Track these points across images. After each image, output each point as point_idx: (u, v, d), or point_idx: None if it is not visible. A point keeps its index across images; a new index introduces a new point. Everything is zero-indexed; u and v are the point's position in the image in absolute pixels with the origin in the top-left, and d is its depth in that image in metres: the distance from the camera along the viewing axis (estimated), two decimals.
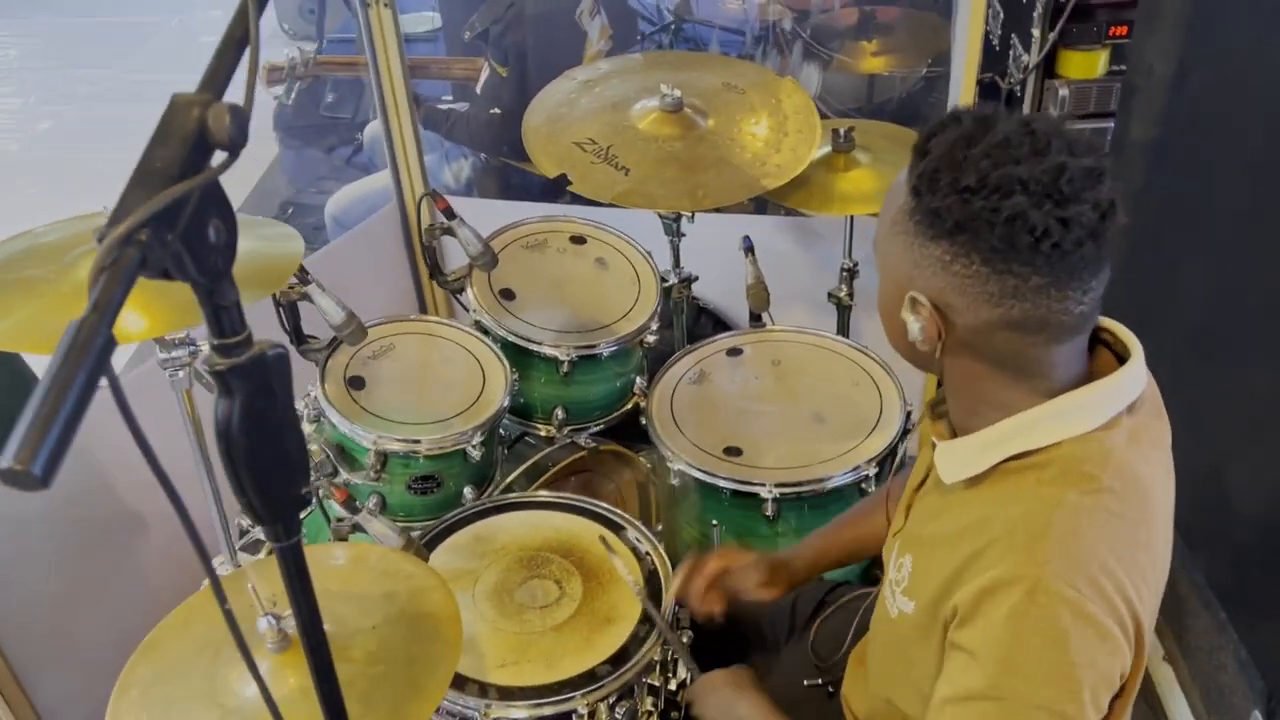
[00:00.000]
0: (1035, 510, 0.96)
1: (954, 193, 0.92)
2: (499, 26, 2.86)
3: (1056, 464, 0.98)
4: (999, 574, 0.94)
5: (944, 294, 0.96)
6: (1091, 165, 0.92)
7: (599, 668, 1.47)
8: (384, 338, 1.88)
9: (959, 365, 1.02)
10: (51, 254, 1.35)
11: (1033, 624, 0.92)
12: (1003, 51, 2.59)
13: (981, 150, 0.92)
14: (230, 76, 0.70)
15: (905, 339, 1.02)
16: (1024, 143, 0.92)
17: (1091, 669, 0.93)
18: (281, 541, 0.79)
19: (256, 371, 0.72)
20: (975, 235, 0.92)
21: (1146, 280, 2.06)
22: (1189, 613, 2.04)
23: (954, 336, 0.99)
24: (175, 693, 1.24)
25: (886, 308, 1.05)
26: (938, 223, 0.94)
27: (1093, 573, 0.93)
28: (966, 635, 0.97)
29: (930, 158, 0.94)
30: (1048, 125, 0.94)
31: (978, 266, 0.93)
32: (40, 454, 0.52)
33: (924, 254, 0.96)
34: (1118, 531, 0.96)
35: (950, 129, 0.95)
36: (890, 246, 1.00)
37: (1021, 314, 0.95)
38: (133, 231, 0.60)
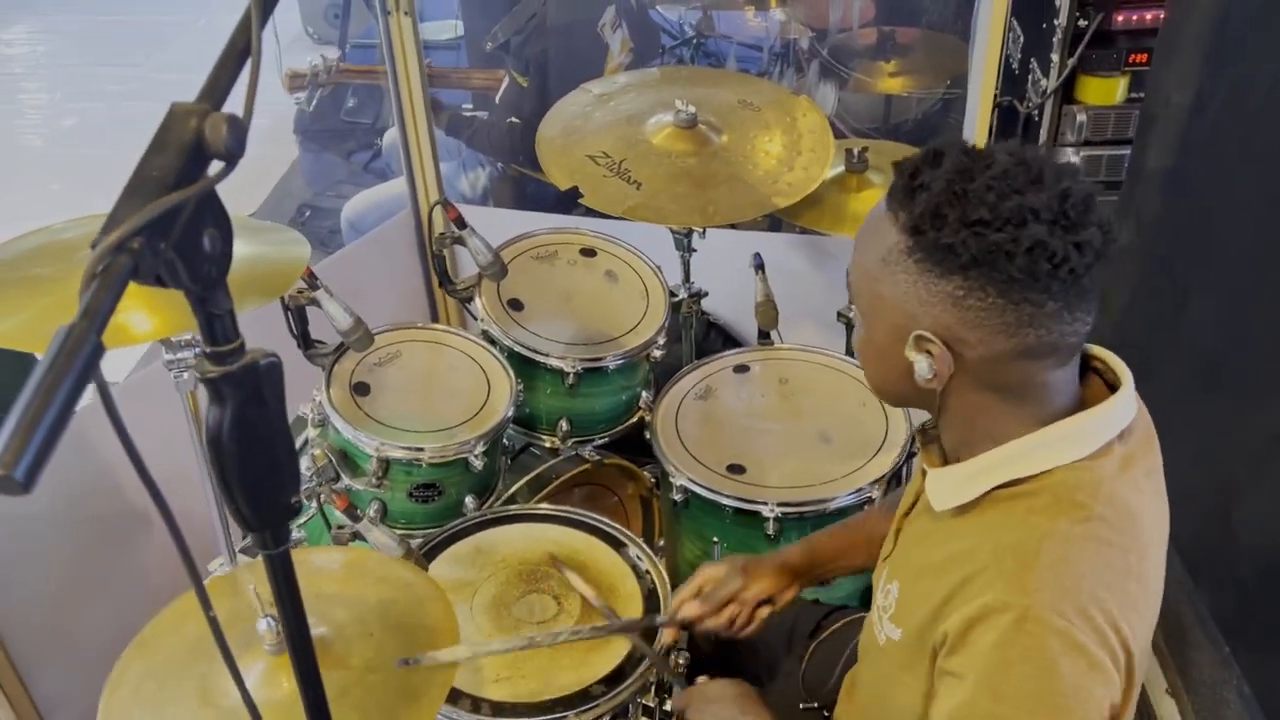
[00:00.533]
0: (1025, 539, 0.95)
1: (964, 227, 0.91)
2: (520, 37, 2.88)
3: (1047, 492, 0.97)
4: (988, 601, 0.93)
5: (954, 329, 0.96)
6: (1088, 189, 0.93)
7: (594, 687, 1.47)
8: (390, 345, 1.89)
9: (960, 398, 1.01)
10: (60, 253, 1.36)
11: (1021, 652, 0.92)
12: (1022, 75, 2.59)
13: (983, 183, 0.91)
14: (230, 87, 0.71)
15: (902, 379, 1.01)
16: (1020, 173, 0.92)
17: (1081, 699, 0.92)
18: (270, 549, 0.79)
19: (248, 380, 0.72)
20: (992, 268, 0.91)
21: (1158, 309, 2.05)
22: (1192, 646, 2.02)
23: (962, 370, 0.98)
24: (167, 691, 1.24)
25: (878, 350, 1.03)
26: (949, 259, 0.93)
27: (1082, 602, 0.92)
28: (955, 662, 0.97)
29: (930, 194, 0.93)
30: (1035, 154, 0.94)
31: (993, 299, 0.93)
32: (23, 459, 0.52)
33: (931, 291, 0.95)
34: (1109, 561, 0.95)
35: (935, 165, 0.95)
36: (883, 288, 0.98)
37: (1036, 340, 0.95)
38: (125, 240, 0.60)
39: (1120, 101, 2.42)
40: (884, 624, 1.11)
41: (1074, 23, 2.36)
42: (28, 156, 4.98)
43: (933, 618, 1.00)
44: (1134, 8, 2.35)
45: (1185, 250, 1.99)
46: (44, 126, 5.27)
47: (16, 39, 6.31)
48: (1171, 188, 2.06)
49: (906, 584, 1.09)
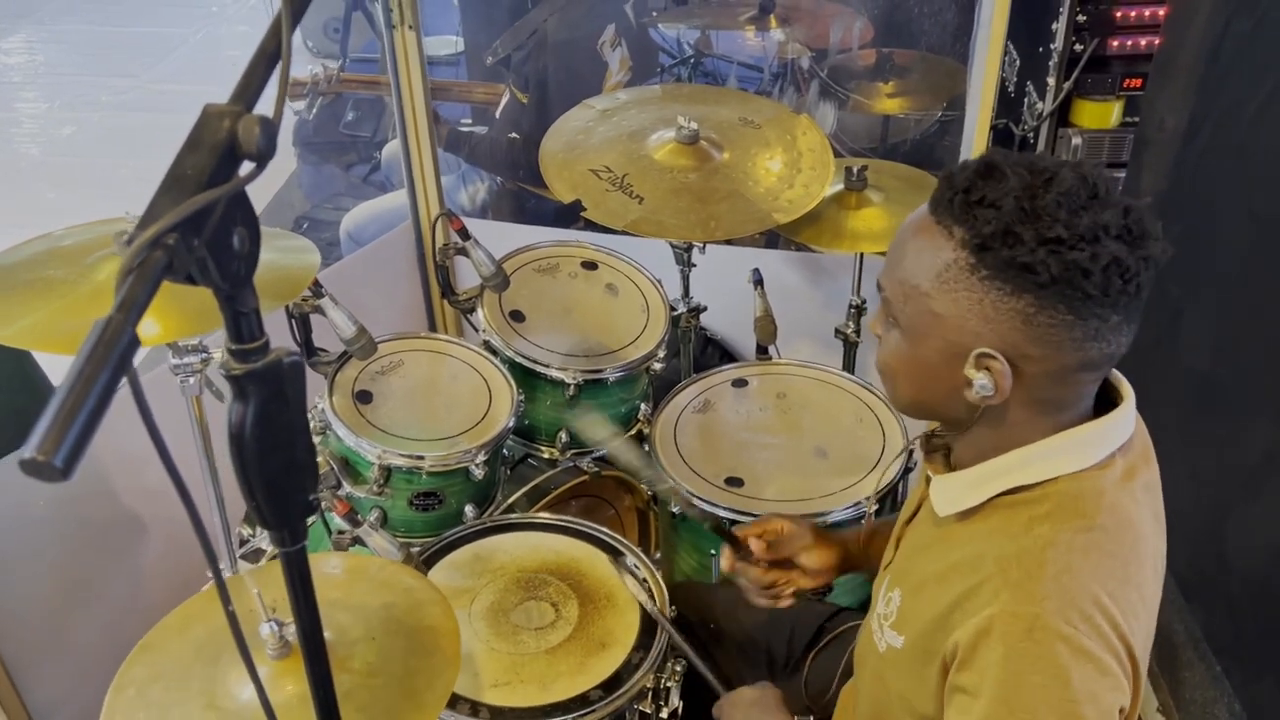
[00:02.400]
0: (1030, 548, 0.96)
1: (1040, 245, 0.91)
2: (521, 53, 2.90)
3: (1050, 500, 0.99)
4: (994, 612, 0.95)
5: (1020, 346, 0.95)
6: (1141, 204, 0.95)
7: (591, 692, 1.47)
8: (393, 353, 1.90)
9: (998, 412, 1.01)
10: (72, 256, 1.37)
11: (1032, 662, 0.93)
12: (1018, 98, 2.62)
13: (1053, 200, 0.92)
14: (261, 89, 0.72)
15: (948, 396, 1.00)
16: (1082, 189, 0.93)
17: (1094, 705, 0.93)
18: (287, 547, 0.80)
19: (272, 377, 0.73)
20: (1069, 285, 0.91)
21: (1150, 331, 2.07)
22: (1184, 665, 2.03)
23: (1018, 386, 0.98)
24: (172, 695, 1.24)
25: (924, 366, 1.01)
26: (1024, 277, 0.92)
27: (1087, 609, 0.93)
28: (966, 678, 0.97)
29: (999, 212, 0.92)
30: (1090, 170, 0.95)
31: (1064, 315, 0.93)
32: (63, 447, 0.54)
33: (999, 309, 0.94)
34: (1110, 569, 0.96)
35: (997, 181, 0.94)
36: (938, 305, 0.97)
37: (1097, 353, 0.96)
38: (161, 235, 0.62)
39: (1115, 125, 2.46)
40: (884, 631, 1.12)
41: (1070, 47, 2.39)
42: (26, 165, 4.98)
43: (938, 626, 1.01)
44: (1129, 34, 2.38)
45: (1178, 272, 2.02)
46: (41, 135, 5.27)
47: (15, 48, 6.33)
48: (1165, 210, 2.10)
49: (909, 592, 1.10)
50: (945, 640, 0.99)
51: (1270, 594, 1.72)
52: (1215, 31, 1.91)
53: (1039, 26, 2.44)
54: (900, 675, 1.09)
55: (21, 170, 4.93)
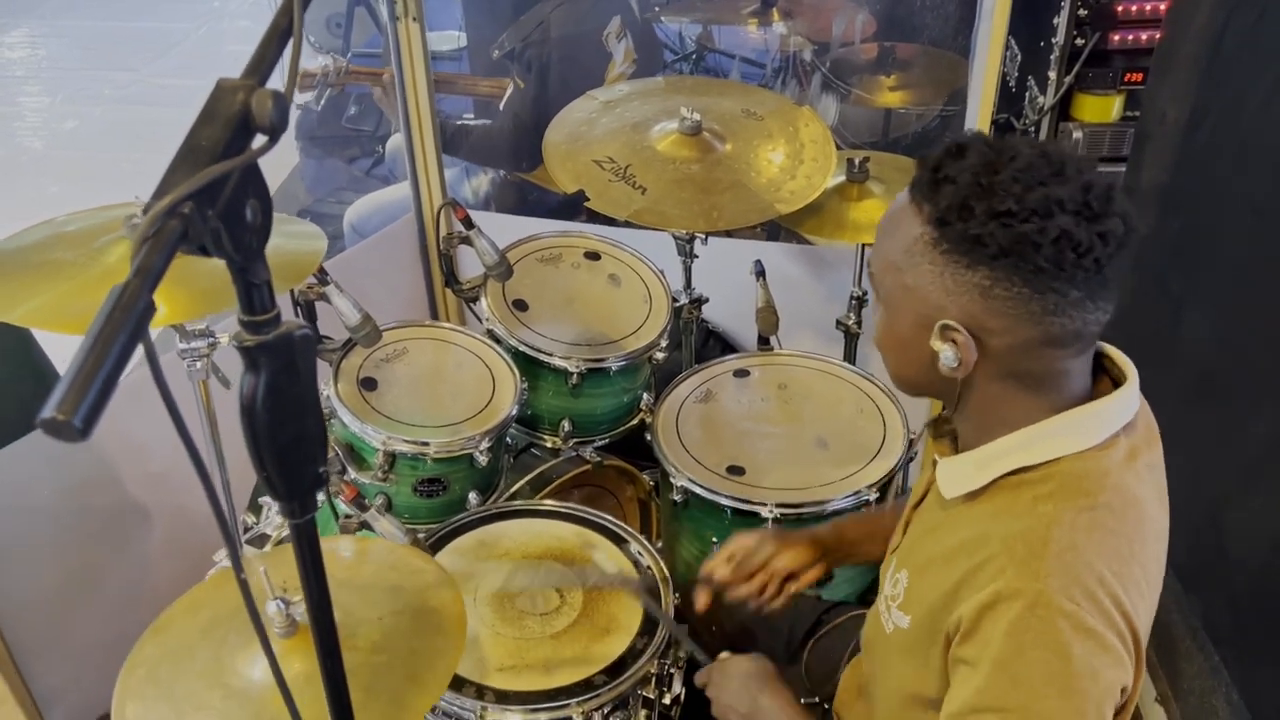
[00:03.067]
0: (1034, 526, 0.98)
1: (991, 218, 0.93)
2: (524, 45, 2.91)
3: (1055, 480, 1.00)
4: (999, 588, 0.96)
5: (980, 318, 0.98)
6: (1109, 180, 0.96)
7: (595, 677, 1.49)
8: (398, 341, 1.91)
9: (981, 387, 1.03)
10: (81, 240, 1.38)
11: (1034, 637, 0.94)
12: (1019, 93, 2.64)
13: (1009, 175, 0.94)
14: (274, 65, 0.73)
15: (925, 369, 1.03)
16: (1043, 165, 0.95)
17: (1095, 681, 0.95)
18: (297, 518, 0.81)
19: (283, 350, 0.74)
20: (1020, 258, 0.93)
21: (1151, 322, 2.08)
22: (1183, 656, 2.04)
23: (986, 359, 1.00)
24: (181, 673, 1.26)
25: (901, 339, 1.05)
26: (977, 250, 0.95)
27: (1090, 586, 0.95)
28: (969, 650, 0.99)
29: (956, 187, 0.95)
30: (1056, 147, 0.97)
31: (1019, 288, 0.95)
32: (81, 406, 0.55)
33: (958, 281, 0.97)
34: (1114, 547, 0.98)
35: (959, 159, 0.97)
36: (908, 279, 1.00)
37: (1060, 329, 0.97)
38: (177, 204, 0.63)
39: (1116, 119, 2.47)
40: (892, 613, 1.13)
41: (1071, 42, 2.41)
42: (28, 158, 4.99)
43: (944, 604, 1.02)
44: (1131, 28, 2.40)
45: (1179, 264, 2.03)
46: (44, 129, 5.29)
47: (18, 42, 6.34)
48: (1165, 203, 2.11)
49: (916, 573, 1.11)
50: (949, 617, 1.01)
51: (1269, 584, 1.73)
52: (1217, 25, 1.92)
53: (1040, 21, 2.46)
54: (907, 656, 1.10)
55: (24, 164, 4.94)
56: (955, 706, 1.00)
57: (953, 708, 1.00)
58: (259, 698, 1.23)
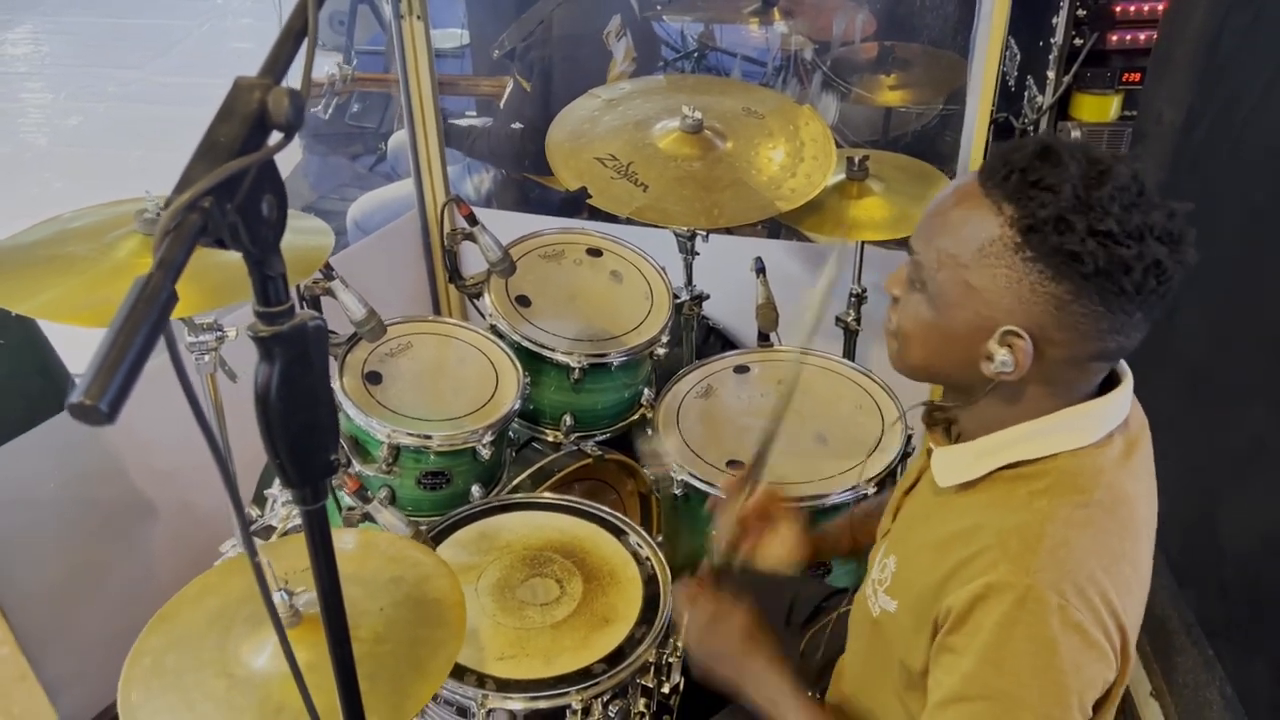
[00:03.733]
0: (1029, 521, 0.99)
1: (1091, 236, 0.93)
2: (525, 44, 2.93)
3: (1051, 475, 1.02)
4: (991, 580, 0.98)
5: (1047, 329, 0.98)
6: (1178, 207, 0.97)
7: (595, 666, 1.51)
8: (402, 336, 1.93)
9: (1010, 389, 1.03)
10: (92, 234, 1.40)
11: (1023, 630, 0.96)
12: (1018, 92, 2.65)
13: (1109, 194, 0.93)
14: (289, 65, 0.75)
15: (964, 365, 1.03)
16: (1134, 185, 0.95)
17: (1078, 675, 0.97)
18: (309, 505, 0.83)
19: (297, 340, 0.76)
20: (1109, 279, 0.94)
21: None
22: (1177, 650, 2.06)
23: (1036, 366, 1.00)
24: (186, 662, 1.28)
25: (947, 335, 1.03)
26: (1068, 265, 0.94)
27: (1081, 583, 0.97)
28: (957, 639, 1.01)
29: (1056, 197, 0.94)
30: (1139, 168, 0.97)
31: (1095, 306, 0.95)
32: (108, 392, 0.57)
33: (1036, 291, 0.96)
34: (1106, 545, 1.00)
35: (1056, 166, 0.95)
36: (975, 278, 0.99)
37: (1115, 345, 0.99)
38: (197, 199, 0.65)
39: (1114, 119, 2.49)
40: (879, 597, 1.15)
41: (1070, 42, 2.42)
42: (32, 154, 5.01)
43: (934, 592, 1.04)
44: (1129, 28, 2.41)
45: None
46: (47, 126, 5.31)
47: (20, 39, 6.36)
48: None
49: (905, 558, 1.13)
50: (939, 604, 1.03)
51: (1260, 578, 1.76)
52: (1213, 26, 1.94)
53: (1039, 21, 2.47)
54: (892, 640, 1.12)
55: (28, 160, 4.96)
56: (941, 694, 1.02)
57: (938, 695, 1.03)
58: (263, 686, 1.25)
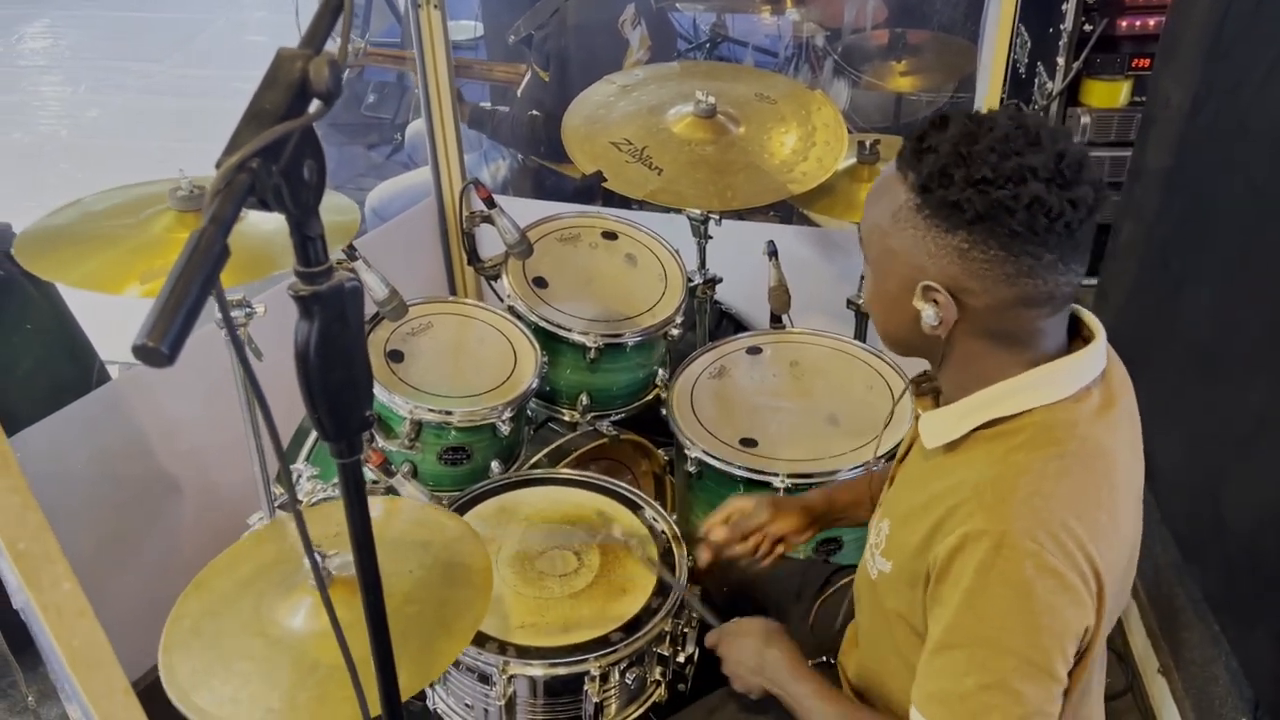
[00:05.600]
0: (1004, 474, 1.04)
1: (969, 185, 1.00)
2: (542, 32, 2.97)
3: (1026, 431, 1.06)
4: (968, 530, 1.03)
5: (959, 279, 1.04)
6: (1082, 150, 1.02)
7: (612, 634, 1.55)
8: (423, 316, 1.98)
9: (961, 345, 1.10)
10: (125, 212, 1.45)
11: (999, 575, 1.01)
12: (1028, 78, 2.68)
13: (986, 145, 1.00)
14: (327, 36, 0.80)
15: (910, 327, 1.10)
16: (1019, 136, 1.01)
17: (1054, 617, 1.01)
18: (344, 458, 0.87)
19: (335, 300, 0.81)
20: (995, 222, 1.00)
21: (1153, 300, 2.14)
22: (1184, 626, 2.10)
23: (965, 318, 1.07)
24: (224, 625, 1.33)
25: (887, 299, 1.11)
26: (955, 214, 1.01)
27: (1054, 529, 1.01)
28: (941, 590, 1.06)
29: (937, 156, 1.02)
30: (1033, 119, 1.03)
31: (995, 250, 1.01)
32: (168, 335, 0.61)
33: (939, 245, 1.04)
34: (1082, 494, 1.04)
35: (942, 130, 1.03)
36: (894, 242, 1.07)
37: (1034, 289, 1.03)
38: (246, 159, 0.69)
39: (1124, 105, 2.52)
40: (875, 559, 1.21)
41: (1080, 28, 2.45)
42: (53, 145, 5.08)
43: (921, 549, 1.09)
44: (1138, 14, 2.44)
45: (1181, 244, 2.08)
46: (68, 117, 5.37)
47: (39, 32, 6.43)
48: (1169, 185, 2.16)
49: (897, 522, 1.18)
50: (926, 558, 1.08)
51: (1265, 553, 1.78)
52: (1219, 11, 1.97)
53: (1049, 7, 2.50)
54: (890, 599, 1.17)
55: (49, 151, 5.02)
56: (930, 644, 1.07)
57: (928, 645, 1.08)
58: (297, 645, 1.30)
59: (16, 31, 6.39)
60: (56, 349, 2.20)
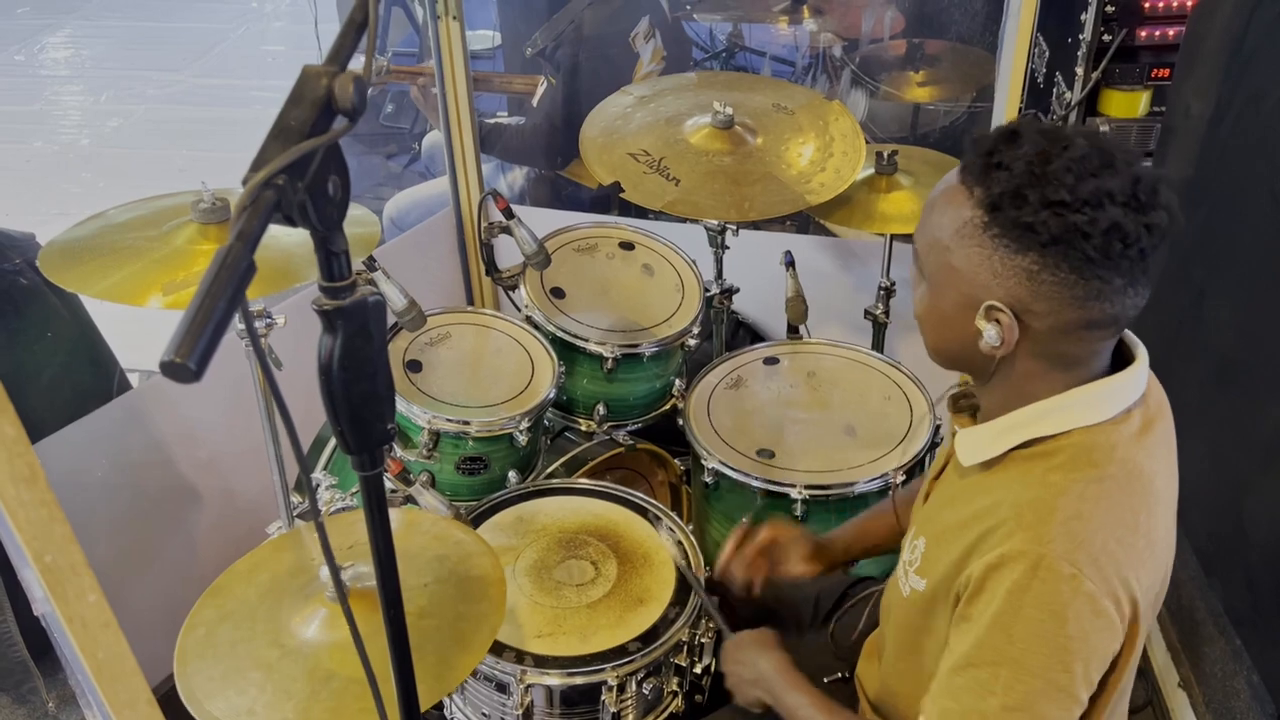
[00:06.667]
0: (1043, 495, 1.03)
1: (1045, 207, 0.97)
2: (558, 44, 2.98)
3: (1065, 452, 1.05)
4: (1005, 550, 1.01)
5: (1025, 300, 1.02)
6: (1158, 173, 1.00)
7: (629, 644, 1.55)
8: (441, 326, 1.99)
9: (1014, 365, 1.08)
10: (147, 225, 1.47)
11: (1033, 598, 1.00)
12: (1046, 88, 2.67)
13: (1062, 165, 0.98)
14: (352, 53, 0.80)
15: (965, 344, 1.07)
16: (1096, 156, 0.98)
17: (1085, 643, 1.00)
18: (367, 470, 0.88)
19: (358, 314, 0.81)
20: (1070, 246, 0.98)
21: (1175, 312, 2.12)
22: (1205, 640, 2.08)
23: (1026, 338, 1.05)
24: (239, 633, 1.33)
25: (943, 316, 1.09)
26: (1028, 236, 0.99)
27: (1093, 553, 1.00)
28: (972, 608, 1.05)
29: (1010, 174, 0.99)
30: (1107, 140, 1.01)
31: (1066, 274, 0.99)
32: (195, 351, 0.62)
33: (1006, 265, 1.01)
34: (1119, 518, 1.03)
35: (1014, 146, 1.00)
36: (956, 259, 1.04)
37: (1100, 313, 1.02)
38: (272, 176, 0.70)
39: (1143, 115, 2.49)
40: (909, 577, 1.19)
41: (1098, 37, 2.44)
42: (75, 155, 5.12)
43: (956, 568, 1.08)
44: (1158, 24, 2.42)
45: (1202, 255, 2.07)
46: (89, 127, 5.42)
47: (61, 43, 6.49)
48: (1189, 195, 2.14)
49: (933, 539, 1.17)
50: (960, 577, 1.07)
51: None
52: (1241, 19, 1.96)
53: (1067, 17, 2.49)
54: (920, 617, 1.16)
55: (71, 160, 5.07)
56: (952, 661, 1.06)
57: (949, 662, 1.06)
58: (312, 656, 1.31)
59: (39, 41, 6.46)
60: (78, 357, 2.22)
